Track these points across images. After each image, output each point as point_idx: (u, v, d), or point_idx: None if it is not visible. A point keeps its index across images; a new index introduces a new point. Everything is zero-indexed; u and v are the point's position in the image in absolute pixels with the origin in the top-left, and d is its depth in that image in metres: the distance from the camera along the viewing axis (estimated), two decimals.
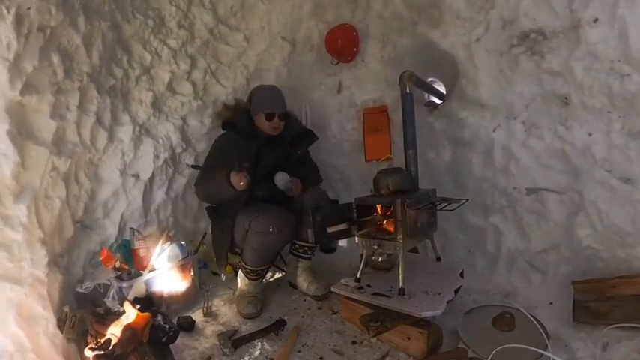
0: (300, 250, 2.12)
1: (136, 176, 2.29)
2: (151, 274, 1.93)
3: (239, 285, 2.07)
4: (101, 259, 1.88)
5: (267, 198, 2.04)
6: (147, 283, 1.90)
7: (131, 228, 2.08)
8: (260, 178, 2.03)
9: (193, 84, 2.58)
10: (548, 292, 1.81)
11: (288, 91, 2.71)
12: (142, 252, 1.98)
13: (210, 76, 2.65)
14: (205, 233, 2.34)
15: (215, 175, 1.95)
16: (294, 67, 2.79)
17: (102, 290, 1.80)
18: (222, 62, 2.68)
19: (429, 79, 2.20)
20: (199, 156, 2.57)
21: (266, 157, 2.08)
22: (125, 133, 2.23)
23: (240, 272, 2.07)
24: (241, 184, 1.84)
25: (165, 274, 1.98)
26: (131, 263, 1.95)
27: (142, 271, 1.92)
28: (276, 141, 2.12)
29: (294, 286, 2.18)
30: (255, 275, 2.01)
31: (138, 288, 1.85)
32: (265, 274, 2.11)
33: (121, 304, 1.61)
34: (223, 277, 2.21)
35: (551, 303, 1.75)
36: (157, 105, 2.42)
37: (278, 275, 2.38)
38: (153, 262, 1.95)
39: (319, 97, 2.76)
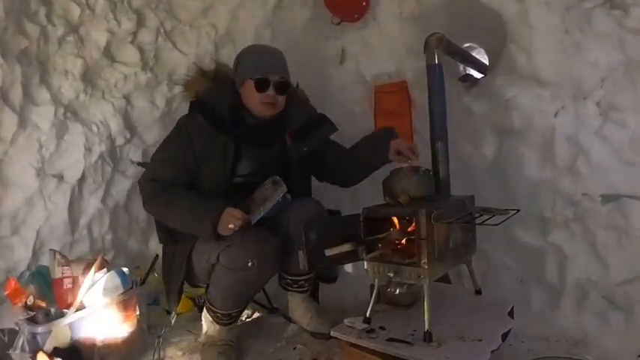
0: (294, 285, 2.09)
1: (59, 177, 2.26)
2: (79, 314, 1.86)
3: (205, 329, 2.03)
4: (6, 293, 1.83)
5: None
6: (72, 328, 1.84)
7: (51, 249, 2.02)
8: (235, 189, 1.93)
9: (140, 49, 2.56)
10: (634, 338, 1.79)
11: None
12: (66, 283, 1.93)
13: (165, 39, 2.63)
14: (157, 256, 2.30)
15: (182, 193, 1.86)
16: (281, 29, 2.77)
17: (6, 338, 1.75)
18: (180, 20, 2.67)
19: (466, 45, 2.20)
20: (149, 150, 2.52)
21: (248, 158, 1.96)
22: (43, 116, 2.19)
23: (206, 313, 2.02)
24: (231, 226, 1.72)
25: (100, 313, 1.93)
26: (50, 299, 1.89)
27: (65, 311, 1.86)
28: (269, 130, 1.98)
29: (289, 319, 2.18)
30: (228, 319, 1.97)
31: (59, 334, 1.80)
32: (240, 315, 2.08)
33: (34, 358, 1.57)
34: (173, 318, 2.16)
35: (639, 356, 1.73)
36: (88, 77, 2.39)
37: (258, 314, 2.35)
38: (82, 298, 1.89)
39: (315, 69, 2.73)
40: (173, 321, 2.16)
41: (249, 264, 1.75)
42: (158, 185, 1.89)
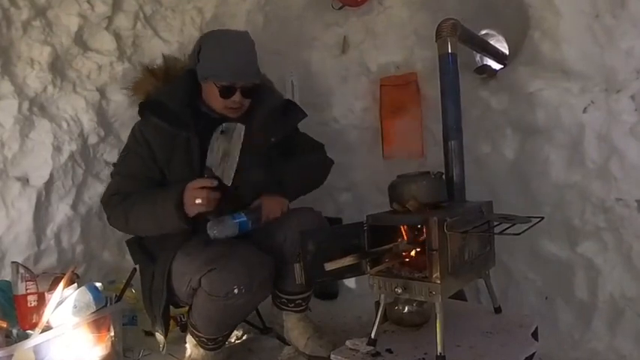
0: (290, 305, 2.07)
1: (24, 180, 2.26)
2: (45, 335, 1.85)
3: (188, 353, 2.03)
4: None
5: None
6: (37, 351, 1.82)
7: (13, 262, 1.98)
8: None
9: (117, 36, 2.56)
10: None
11: (266, 52, 2.73)
12: (30, 300, 1.90)
13: (144, 25, 2.63)
14: (134, 270, 2.27)
15: (143, 191, 1.86)
16: (275, 14, 2.78)
17: None
18: (162, 3, 2.67)
19: (483, 32, 2.24)
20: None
21: None
22: (6, 111, 2.19)
23: (189, 337, 2.02)
24: (198, 201, 1.71)
25: (69, 335, 1.92)
26: (12, 319, 1.87)
27: (29, 332, 1.85)
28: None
29: (284, 340, 2.17)
30: (213, 344, 1.96)
31: (23, 358, 1.77)
32: (228, 338, 2.07)
33: None
34: (162, 347, 2.12)
35: None
36: (57, 68, 2.38)
37: (249, 335, 2.34)
38: (48, 317, 1.88)
39: (313, 60, 2.76)
40: (164, 350, 2.09)
41: (235, 291, 1.73)
42: (119, 197, 1.90)
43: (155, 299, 1.94)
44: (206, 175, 1.81)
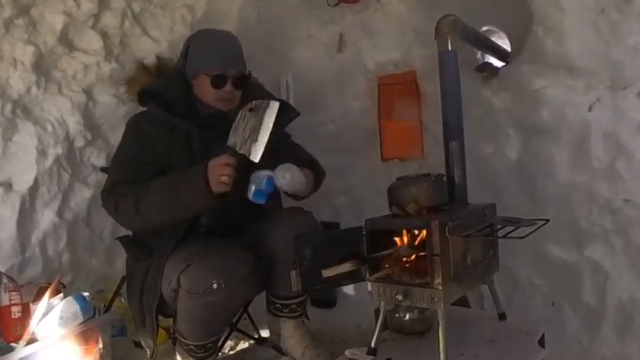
0: (285, 310, 2.07)
1: (7, 185, 2.26)
2: (30, 348, 1.84)
3: None
4: None
5: (217, 227, 1.96)
6: None
7: None
8: None
9: (104, 35, 2.56)
10: None
11: (259, 50, 2.74)
12: (14, 312, 1.92)
13: (132, 23, 2.62)
14: (124, 278, 2.26)
15: (154, 178, 1.83)
16: (268, 11, 2.79)
17: None
18: (151, 1, 2.67)
19: (484, 29, 2.23)
20: (114, 152, 2.48)
21: (214, 150, 1.94)
22: None
23: (179, 347, 2.01)
24: (224, 179, 1.68)
25: (55, 347, 1.91)
26: None
27: (13, 344, 1.85)
28: (226, 120, 1.98)
29: (280, 350, 2.15)
30: (202, 352, 1.95)
31: None
32: (220, 347, 2.06)
33: None
34: (152, 355, 2.10)
35: None
36: (42, 68, 2.38)
37: (243, 345, 2.33)
38: (33, 329, 1.87)
39: (308, 59, 2.78)
40: (153, 357, 2.06)
41: (215, 286, 1.73)
42: (126, 185, 1.87)
43: (148, 291, 1.90)
44: (229, 150, 1.78)
